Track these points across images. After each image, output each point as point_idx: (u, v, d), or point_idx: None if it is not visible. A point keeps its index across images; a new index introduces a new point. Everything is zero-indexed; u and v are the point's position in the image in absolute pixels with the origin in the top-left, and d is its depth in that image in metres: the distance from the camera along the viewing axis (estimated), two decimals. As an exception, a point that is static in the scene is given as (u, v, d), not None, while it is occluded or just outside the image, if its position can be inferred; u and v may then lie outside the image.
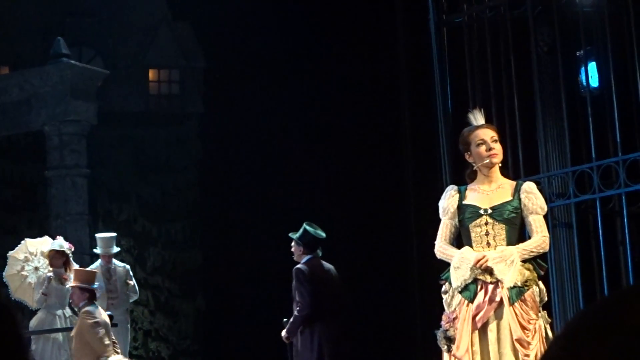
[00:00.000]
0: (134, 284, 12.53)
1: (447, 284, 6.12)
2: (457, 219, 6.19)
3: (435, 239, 6.28)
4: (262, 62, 15.75)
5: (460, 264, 6.00)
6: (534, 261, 6.00)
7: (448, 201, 6.23)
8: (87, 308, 9.43)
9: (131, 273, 12.59)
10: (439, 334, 6.13)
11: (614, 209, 8.78)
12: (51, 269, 11.58)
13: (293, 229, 10.20)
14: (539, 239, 6.00)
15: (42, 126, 15.24)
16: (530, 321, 5.89)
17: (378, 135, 14.38)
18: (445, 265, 6.16)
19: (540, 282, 6.02)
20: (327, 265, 10.11)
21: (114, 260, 12.44)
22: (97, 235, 12.57)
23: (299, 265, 9.94)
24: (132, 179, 17.72)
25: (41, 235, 12.26)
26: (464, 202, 6.17)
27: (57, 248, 11.57)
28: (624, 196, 8.22)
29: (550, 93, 9.04)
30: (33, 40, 17.48)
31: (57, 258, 11.57)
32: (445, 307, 6.13)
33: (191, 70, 18.37)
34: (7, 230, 16.76)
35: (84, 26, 17.98)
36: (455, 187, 6.31)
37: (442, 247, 6.19)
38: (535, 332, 5.87)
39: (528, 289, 5.92)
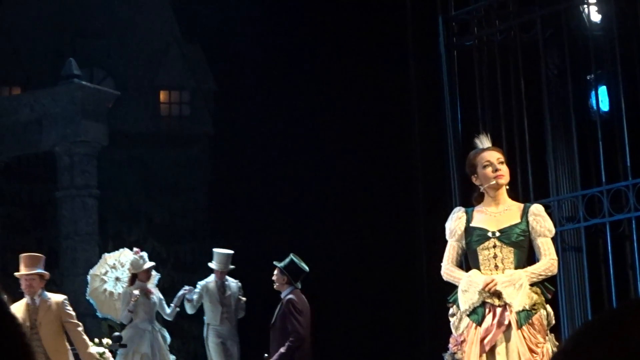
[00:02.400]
0: (244, 302, 12.55)
1: (454, 306, 6.09)
2: (464, 241, 6.15)
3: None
4: (272, 84, 15.78)
5: (468, 287, 5.96)
6: (542, 285, 5.97)
7: (455, 223, 6.20)
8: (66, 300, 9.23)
9: (242, 290, 12.59)
10: (447, 357, 6.09)
11: (624, 233, 8.73)
12: (129, 283, 11.61)
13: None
14: (547, 262, 5.96)
15: (53, 147, 15.27)
16: (538, 345, 5.85)
17: (388, 157, 14.36)
18: (453, 288, 6.13)
19: (547, 306, 5.99)
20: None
21: (227, 277, 12.50)
22: (215, 250, 12.62)
23: (290, 296, 9.98)
24: (142, 199, 17.76)
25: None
26: (471, 225, 6.13)
27: (150, 266, 11.64)
28: (634, 220, 8.19)
29: (560, 116, 9.02)
30: (44, 61, 17.56)
31: (147, 272, 11.65)
32: (453, 330, 6.09)
33: (201, 91, 18.43)
34: (17, 250, 16.74)
35: (95, 48, 18.06)
36: (462, 209, 6.28)
37: (448, 269, 6.16)
38: (543, 355, 5.83)
39: (536, 313, 5.88)
